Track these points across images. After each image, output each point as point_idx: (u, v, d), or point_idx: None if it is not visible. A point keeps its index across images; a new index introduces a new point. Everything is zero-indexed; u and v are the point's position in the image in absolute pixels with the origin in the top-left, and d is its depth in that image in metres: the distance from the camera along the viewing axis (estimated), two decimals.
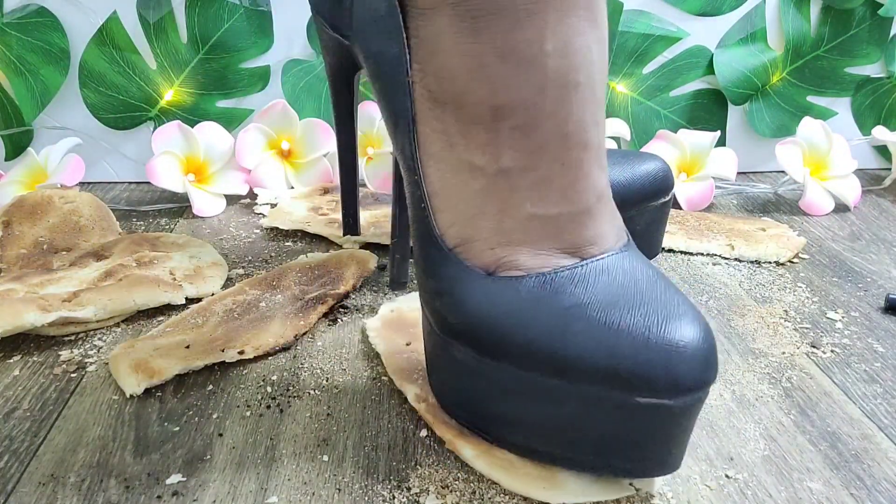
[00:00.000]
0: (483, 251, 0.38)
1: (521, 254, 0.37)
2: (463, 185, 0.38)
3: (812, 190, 0.76)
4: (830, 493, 0.38)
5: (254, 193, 0.78)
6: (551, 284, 0.36)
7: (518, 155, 0.36)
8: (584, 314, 0.35)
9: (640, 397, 0.34)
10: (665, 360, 0.33)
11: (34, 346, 0.51)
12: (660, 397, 0.34)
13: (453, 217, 0.39)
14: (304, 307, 0.53)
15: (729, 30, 0.83)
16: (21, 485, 0.39)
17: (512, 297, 0.36)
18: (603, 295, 0.36)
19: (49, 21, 0.77)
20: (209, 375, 0.48)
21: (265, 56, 0.80)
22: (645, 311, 0.35)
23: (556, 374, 0.35)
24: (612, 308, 0.35)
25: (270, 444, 0.41)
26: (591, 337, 0.34)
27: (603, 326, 0.35)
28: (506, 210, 0.37)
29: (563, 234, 0.37)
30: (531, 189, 0.37)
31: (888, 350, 0.51)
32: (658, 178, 0.57)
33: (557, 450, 0.37)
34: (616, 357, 0.34)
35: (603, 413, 0.35)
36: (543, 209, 0.37)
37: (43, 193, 0.65)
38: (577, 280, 0.36)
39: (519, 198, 0.37)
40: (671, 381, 0.33)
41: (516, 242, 0.37)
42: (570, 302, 0.35)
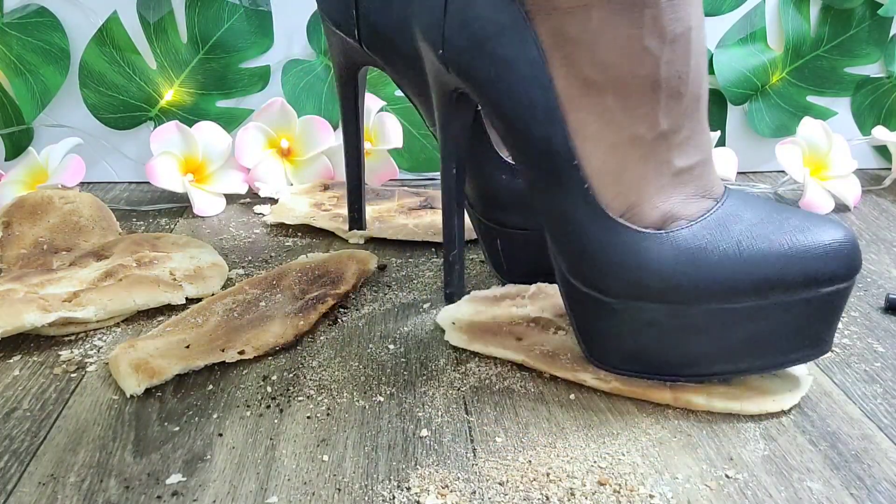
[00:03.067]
0: (650, 211, 0.43)
1: (679, 205, 0.43)
2: (624, 157, 0.43)
3: (812, 190, 0.76)
4: (830, 493, 0.38)
5: (253, 193, 0.78)
6: (714, 226, 0.42)
7: (672, 119, 0.42)
8: (750, 244, 0.42)
9: (823, 288, 0.41)
10: (837, 256, 0.41)
11: (34, 346, 0.51)
12: (839, 283, 0.42)
13: (617, 188, 0.43)
14: (305, 307, 0.53)
15: (729, 30, 0.83)
16: (21, 485, 0.39)
17: (688, 244, 0.42)
18: (755, 223, 0.42)
19: (49, 21, 0.77)
20: (209, 375, 0.48)
21: (265, 56, 0.81)
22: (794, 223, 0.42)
23: (753, 295, 0.41)
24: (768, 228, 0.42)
25: (270, 444, 0.41)
26: (765, 260, 0.41)
27: (770, 249, 0.41)
28: (661, 170, 0.43)
29: (699, 181, 0.44)
30: (679, 147, 0.43)
31: (888, 350, 0.51)
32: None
33: (746, 363, 0.43)
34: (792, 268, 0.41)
35: (793, 313, 0.42)
36: (687, 161, 0.43)
37: (43, 193, 0.65)
38: (729, 218, 0.43)
39: (671, 156, 0.43)
40: (845, 268, 0.42)
41: (673, 196, 0.43)
42: (734, 238, 0.42)
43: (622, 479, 0.39)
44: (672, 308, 0.42)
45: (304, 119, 0.77)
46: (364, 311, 0.56)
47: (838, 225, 0.42)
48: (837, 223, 0.42)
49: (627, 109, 0.42)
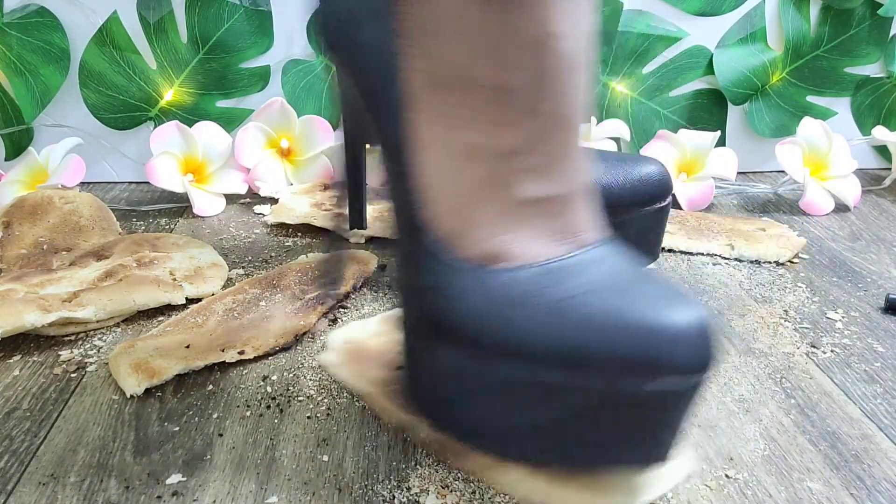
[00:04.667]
0: (478, 241, 0.37)
1: (517, 242, 0.36)
2: (461, 171, 0.37)
3: (812, 190, 0.76)
4: (830, 493, 0.38)
5: (253, 193, 0.78)
6: (548, 275, 0.35)
7: (520, 136, 0.36)
8: (581, 304, 0.34)
9: (646, 384, 0.33)
10: (673, 345, 0.33)
11: (34, 346, 0.51)
12: (665, 381, 0.33)
13: (447, 206, 0.37)
14: (305, 307, 0.53)
15: (729, 30, 0.83)
16: (21, 485, 0.39)
17: (507, 290, 0.35)
18: (600, 283, 0.35)
19: (49, 21, 0.77)
20: (209, 375, 0.48)
21: (265, 56, 0.80)
22: (645, 296, 0.34)
23: (552, 367, 0.34)
24: (610, 294, 0.34)
25: (270, 444, 0.41)
26: (590, 326, 0.33)
27: (602, 314, 0.34)
28: (504, 195, 0.36)
29: (556, 219, 0.37)
30: (529, 171, 0.36)
31: (888, 350, 0.51)
32: (653, 182, 0.56)
33: (555, 450, 0.36)
34: (619, 345, 0.33)
35: (605, 405, 0.34)
36: (540, 191, 0.36)
37: (43, 194, 0.65)
38: (578, 268, 0.35)
39: (517, 181, 0.36)
40: (677, 366, 0.33)
41: (512, 229, 0.36)
42: (566, 293, 0.34)
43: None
44: (472, 358, 0.35)
45: (304, 119, 0.77)
46: (364, 310, 0.56)
47: (693, 310, 0.34)
48: (693, 307, 0.34)
49: (470, 115, 0.36)
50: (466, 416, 0.37)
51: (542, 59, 0.35)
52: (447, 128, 0.37)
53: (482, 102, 0.36)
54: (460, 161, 0.37)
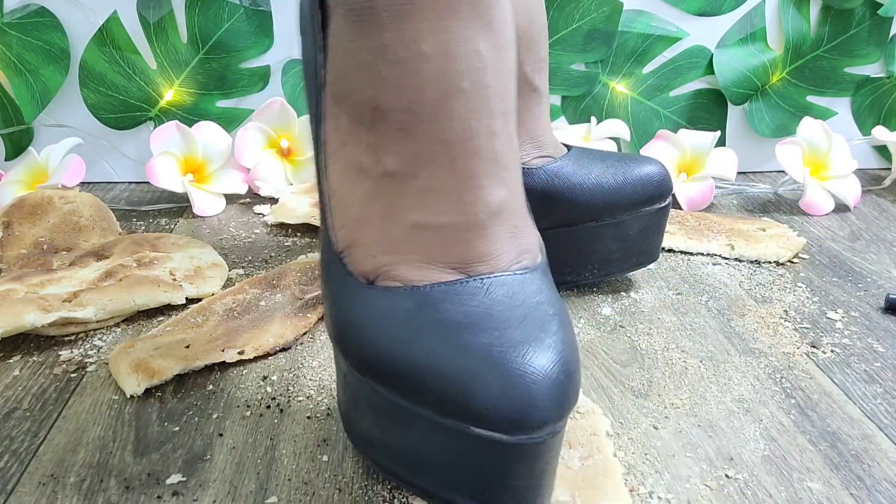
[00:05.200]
0: (364, 258, 0.36)
1: (403, 265, 0.35)
2: (352, 187, 0.37)
3: (812, 190, 0.76)
4: (830, 493, 0.38)
5: (253, 193, 0.78)
6: (422, 298, 0.34)
7: (399, 159, 0.35)
8: (438, 331, 0.33)
9: (473, 428, 0.31)
10: (503, 390, 0.30)
11: (34, 346, 0.51)
12: (494, 430, 0.31)
13: (343, 219, 0.38)
14: (304, 307, 0.53)
15: (729, 30, 0.83)
16: (21, 485, 0.39)
17: (380, 307, 0.35)
18: (468, 314, 0.33)
19: (49, 21, 0.77)
20: (209, 375, 0.48)
21: (265, 56, 0.80)
22: (501, 335, 0.32)
23: (399, 391, 0.33)
24: (469, 328, 0.32)
25: (270, 444, 0.41)
26: (435, 355, 0.32)
27: (450, 345, 0.32)
28: (389, 217, 0.36)
29: (450, 248, 0.35)
30: (416, 196, 0.35)
31: (888, 350, 0.51)
32: (652, 182, 0.55)
33: (409, 475, 0.35)
34: (451, 380, 0.31)
35: (443, 440, 0.32)
36: (429, 218, 0.35)
37: (43, 194, 0.65)
38: (450, 297, 0.34)
39: (403, 204, 0.35)
40: (506, 414, 0.30)
41: (399, 252, 0.36)
42: (431, 318, 0.33)
43: (622, 479, 0.39)
44: (347, 366, 0.36)
45: (304, 119, 0.77)
46: None
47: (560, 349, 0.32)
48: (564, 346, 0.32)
49: (353, 133, 0.37)
50: (346, 413, 0.38)
51: (412, 80, 0.34)
52: (340, 143, 0.37)
53: (362, 121, 0.36)
54: (352, 178, 0.37)
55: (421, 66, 0.34)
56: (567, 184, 0.54)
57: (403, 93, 0.35)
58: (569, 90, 0.84)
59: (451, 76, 0.34)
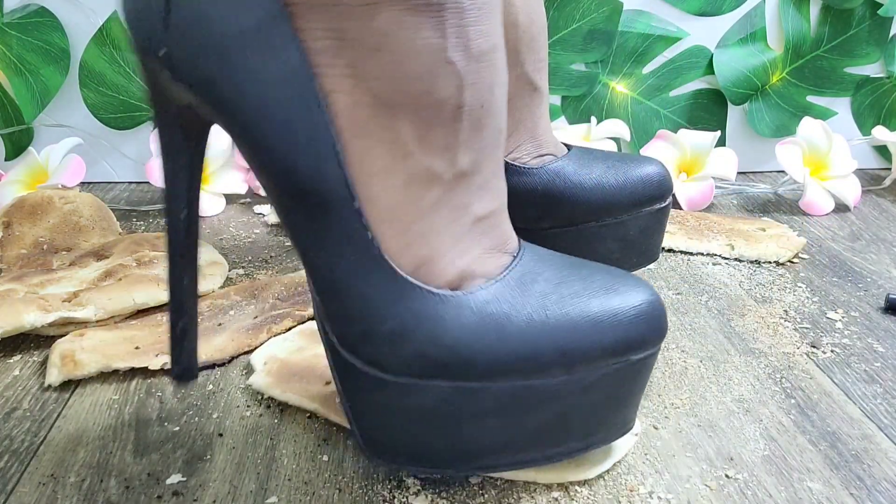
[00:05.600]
0: (447, 267, 0.35)
1: (477, 261, 0.36)
2: (417, 199, 0.35)
3: (812, 190, 0.76)
4: (830, 493, 0.38)
5: (253, 193, 0.78)
6: (512, 288, 0.36)
7: (472, 155, 0.35)
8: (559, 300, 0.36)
9: (634, 355, 0.36)
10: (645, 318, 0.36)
11: (34, 346, 0.51)
12: (649, 349, 0.37)
13: (407, 238, 0.35)
14: (261, 324, 0.52)
15: (729, 30, 0.83)
16: (21, 485, 0.39)
17: (493, 308, 0.35)
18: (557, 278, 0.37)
19: (49, 21, 0.77)
20: (209, 375, 0.48)
21: None
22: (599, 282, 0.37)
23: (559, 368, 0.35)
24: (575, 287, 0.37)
25: (270, 444, 0.41)
26: (578, 320, 0.36)
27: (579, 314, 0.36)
28: (459, 217, 0.36)
29: (496, 232, 0.37)
30: (479, 191, 0.36)
31: (888, 350, 0.51)
32: (653, 182, 0.55)
33: (535, 453, 0.37)
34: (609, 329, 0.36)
35: (598, 388, 0.36)
36: (483, 209, 0.36)
37: (43, 194, 0.65)
38: (529, 272, 0.37)
39: (470, 201, 0.36)
40: (656, 332, 0.37)
41: (471, 250, 0.36)
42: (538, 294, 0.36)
43: (622, 479, 0.39)
44: (463, 387, 0.35)
45: None
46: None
47: (643, 284, 0.37)
48: (641, 282, 0.38)
49: (424, 139, 0.34)
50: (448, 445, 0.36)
51: (493, 74, 0.35)
52: (396, 156, 0.34)
53: (440, 123, 0.34)
54: (416, 189, 0.35)
55: (497, 57, 0.35)
56: (568, 184, 0.54)
57: (483, 87, 0.35)
58: (569, 90, 0.84)
59: (504, 67, 0.36)
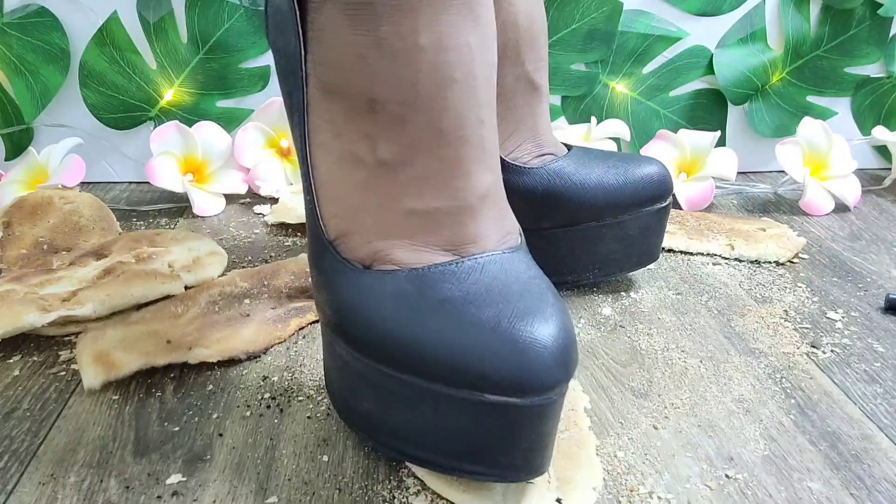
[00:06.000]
0: (361, 244, 0.38)
1: (398, 249, 0.37)
2: (346, 177, 0.38)
3: (812, 190, 0.76)
4: (830, 493, 0.38)
5: (253, 193, 0.78)
6: (421, 280, 0.36)
7: (395, 148, 0.37)
8: (444, 309, 0.35)
9: (488, 395, 0.33)
10: (515, 357, 0.33)
11: (34, 346, 0.51)
12: (507, 395, 0.33)
13: (335, 209, 0.39)
14: (285, 316, 0.52)
15: (729, 30, 0.83)
16: (21, 485, 0.38)
17: (381, 290, 0.36)
18: (468, 292, 0.35)
19: (49, 21, 0.77)
20: (209, 375, 0.48)
21: (265, 56, 0.80)
22: (505, 308, 0.34)
23: (408, 370, 0.34)
24: (473, 304, 0.35)
25: (270, 444, 0.41)
26: (444, 332, 0.34)
27: (458, 322, 0.34)
28: (385, 204, 0.38)
29: (440, 231, 0.37)
30: (409, 184, 0.37)
31: (888, 350, 0.51)
32: (653, 182, 0.55)
33: (414, 449, 0.36)
34: (463, 353, 0.33)
35: (454, 412, 0.34)
36: (421, 204, 0.37)
37: (43, 194, 0.65)
38: (448, 276, 0.36)
39: (397, 192, 0.37)
40: (519, 379, 0.33)
41: (394, 237, 0.38)
42: (435, 298, 0.35)
43: (622, 479, 0.39)
44: (349, 351, 0.37)
45: None
46: None
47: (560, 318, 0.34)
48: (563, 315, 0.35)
49: (349, 123, 0.38)
50: (346, 399, 0.39)
51: (408, 71, 0.36)
52: (332, 134, 0.38)
53: (357, 113, 0.37)
54: (346, 168, 0.38)
55: (417, 57, 0.36)
56: (569, 183, 0.54)
57: (400, 84, 0.36)
58: (569, 90, 0.84)
59: (445, 68, 0.36)
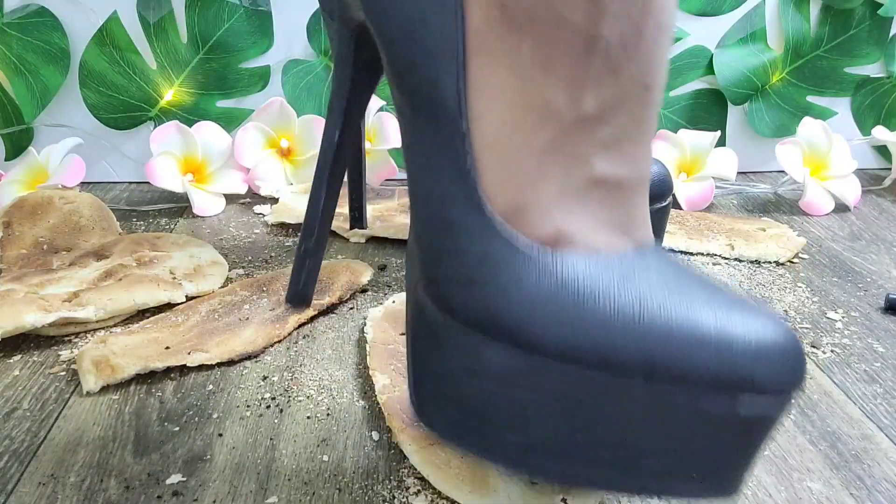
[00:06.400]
0: (541, 220, 0.31)
1: (580, 227, 0.31)
2: (529, 134, 0.31)
3: (812, 190, 0.76)
4: (830, 493, 0.38)
5: (253, 193, 0.78)
6: (615, 269, 0.30)
7: (602, 100, 0.31)
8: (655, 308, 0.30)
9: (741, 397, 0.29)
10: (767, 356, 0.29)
11: (34, 346, 0.51)
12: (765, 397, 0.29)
13: (507, 176, 0.32)
14: (283, 314, 0.53)
15: (729, 30, 0.83)
16: (21, 485, 0.39)
17: (582, 282, 0.30)
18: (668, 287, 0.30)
19: (49, 21, 0.77)
20: (209, 375, 0.48)
21: (265, 56, 0.80)
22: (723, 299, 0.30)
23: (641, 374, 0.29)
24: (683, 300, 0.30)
25: (270, 444, 0.41)
26: (672, 332, 0.29)
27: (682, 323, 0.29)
28: (573, 170, 0.31)
29: (621, 208, 0.32)
30: (604, 146, 0.32)
31: (888, 350, 0.51)
32: (653, 182, 0.55)
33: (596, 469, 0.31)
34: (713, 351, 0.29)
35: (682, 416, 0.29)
36: (612, 170, 0.32)
37: (43, 194, 0.65)
38: (641, 266, 0.31)
39: (590, 152, 0.31)
40: (780, 378, 0.29)
41: (577, 211, 0.32)
42: (641, 286, 0.30)
43: None
44: (527, 359, 0.30)
45: (303, 119, 0.77)
46: (358, 318, 0.55)
47: (777, 317, 0.31)
48: (776, 315, 0.31)
49: (547, 66, 0.31)
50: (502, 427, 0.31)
51: (643, 13, 0.31)
52: (518, 79, 0.31)
53: (565, 51, 0.31)
54: (529, 121, 0.31)
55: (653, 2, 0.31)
56: None
57: (625, 23, 0.30)
58: None
59: (667, 9, 0.31)
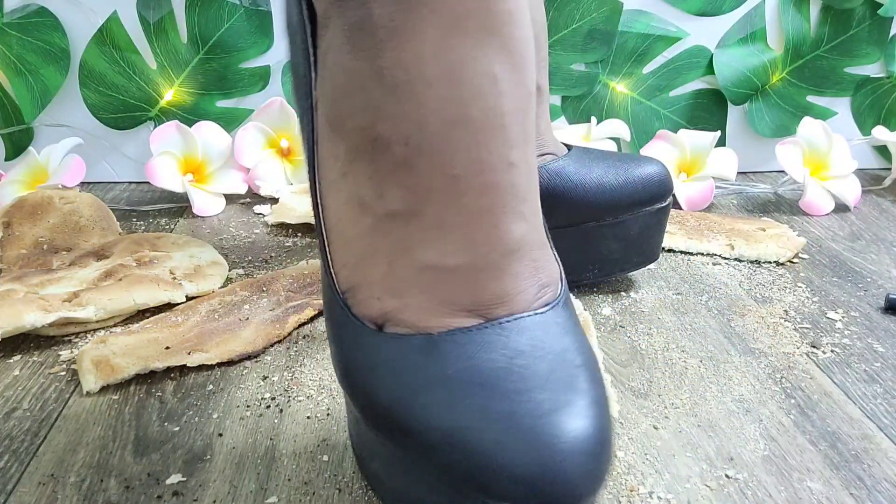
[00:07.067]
0: (369, 300, 0.33)
1: (411, 308, 0.32)
2: (354, 222, 0.33)
3: (812, 190, 0.76)
4: (830, 493, 0.38)
5: (253, 193, 0.78)
6: (431, 349, 0.31)
7: (404, 195, 0.32)
8: (451, 388, 0.30)
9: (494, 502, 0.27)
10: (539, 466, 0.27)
11: (34, 346, 0.51)
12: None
13: (345, 257, 0.34)
14: (284, 314, 0.53)
15: (729, 30, 0.83)
16: (21, 485, 0.38)
17: (386, 357, 0.31)
18: (488, 372, 0.30)
19: (49, 21, 0.77)
20: (209, 375, 0.48)
21: (265, 56, 0.80)
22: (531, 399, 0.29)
23: (407, 449, 0.30)
24: (491, 389, 0.29)
25: (270, 444, 0.41)
26: (449, 418, 0.29)
27: (468, 408, 0.29)
28: (396, 255, 0.32)
29: (462, 290, 0.32)
30: (422, 234, 0.32)
31: (888, 350, 0.51)
32: (653, 182, 0.55)
33: None
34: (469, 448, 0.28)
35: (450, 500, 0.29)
36: (438, 259, 0.32)
37: (43, 194, 0.65)
38: (467, 348, 0.31)
39: (409, 242, 0.32)
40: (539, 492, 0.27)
41: (407, 294, 0.32)
42: (441, 374, 0.30)
43: (622, 479, 0.39)
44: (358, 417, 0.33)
45: None
46: None
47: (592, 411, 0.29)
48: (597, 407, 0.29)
49: (353, 163, 0.32)
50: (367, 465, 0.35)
51: (412, 108, 0.30)
52: (341, 173, 0.33)
53: (360, 151, 0.32)
54: (353, 212, 0.33)
55: (422, 92, 0.30)
56: (569, 183, 0.54)
57: (403, 122, 0.31)
58: (569, 90, 0.84)
59: (457, 103, 0.30)
